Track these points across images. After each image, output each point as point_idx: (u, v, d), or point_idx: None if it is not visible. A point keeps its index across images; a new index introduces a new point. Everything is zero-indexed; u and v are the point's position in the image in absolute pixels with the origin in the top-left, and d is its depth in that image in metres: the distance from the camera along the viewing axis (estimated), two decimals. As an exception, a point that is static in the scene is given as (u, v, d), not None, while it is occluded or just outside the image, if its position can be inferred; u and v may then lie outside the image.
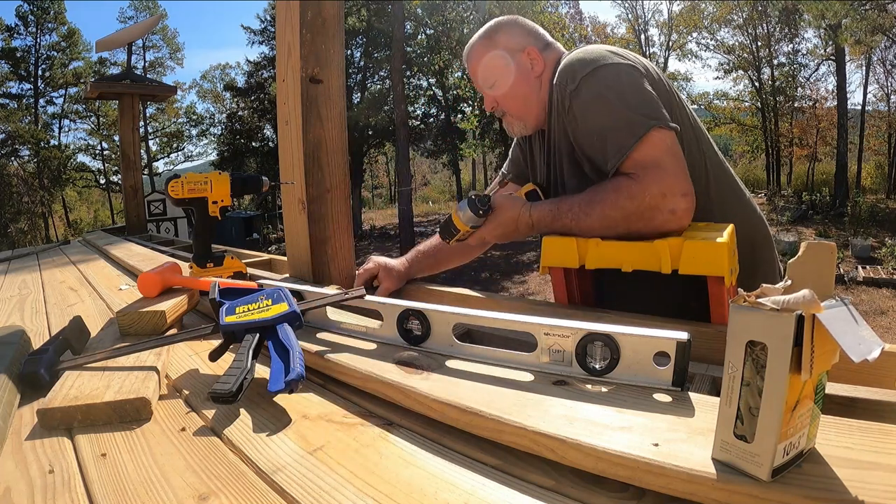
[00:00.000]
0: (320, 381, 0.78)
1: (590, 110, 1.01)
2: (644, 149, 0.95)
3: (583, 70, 1.01)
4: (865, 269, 8.20)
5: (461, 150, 20.07)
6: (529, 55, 1.14)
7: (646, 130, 0.94)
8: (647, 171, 0.94)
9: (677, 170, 0.95)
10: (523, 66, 1.15)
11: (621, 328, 0.62)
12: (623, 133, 0.96)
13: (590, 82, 1.00)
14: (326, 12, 1.23)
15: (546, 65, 1.15)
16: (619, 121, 0.97)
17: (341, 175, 1.31)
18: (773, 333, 0.39)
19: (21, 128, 20.17)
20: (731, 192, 1.13)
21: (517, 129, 1.21)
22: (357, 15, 17.25)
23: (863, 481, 0.39)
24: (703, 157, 1.09)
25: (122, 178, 3.85)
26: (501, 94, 1.17)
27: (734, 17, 18.16)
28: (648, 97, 0.98)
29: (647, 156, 0.95)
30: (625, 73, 0.99)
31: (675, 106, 1.05)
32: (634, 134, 0.95)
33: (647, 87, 0.99)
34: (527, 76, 1.15)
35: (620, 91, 0.98)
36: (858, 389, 0.65)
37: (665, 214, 0.93)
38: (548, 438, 0.51)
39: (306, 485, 0.51)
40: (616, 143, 0.97)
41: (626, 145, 0.96)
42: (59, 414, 0.66)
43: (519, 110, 1.18)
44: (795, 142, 18.68)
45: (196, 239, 1.33)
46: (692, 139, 1.08)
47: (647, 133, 0.94)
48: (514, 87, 1.15)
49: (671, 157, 0.95)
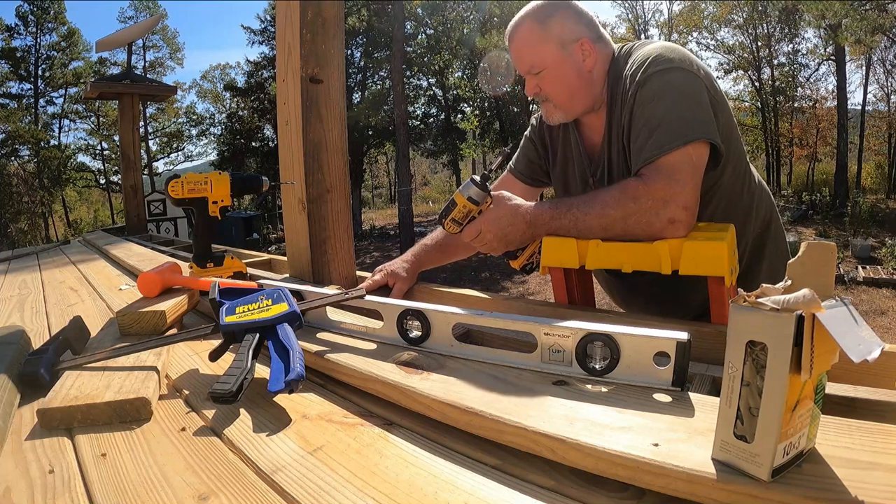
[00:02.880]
0: (320, 381, 0.78)
1: (648, 104, 1.00)
2: (671, 157, 0.96)
3: (658, 65, 1.00)
4: (865, 269, 8.20)
5: (461, 150, 20.06)
6: (583, 47, 1.10)
7: (685, 142, 0.95)
8: (660, 177, 0.95)
9: (689, 183, 0.95)
10: (576, 58, 1.11)
11: (621, 328, 0.62)
12: (665, 136, 0.96)
13: (662, 77, 1.00)
14: (326, 12, 1.23)
15: (598, 59, 1.12)
16: (670, 123, 0.97)
17: (341, 175, 1.31)
18: (773, 333, 0.39)
19: (21, 128, 20.17)
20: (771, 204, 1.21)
21: (557, 117, 1.17)
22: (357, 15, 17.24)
23: (862, 481, 0.39)
24: (750, 182, 1.15)
25: (122, 178, 3.85)
26: (548, 83, 1.13)
27: (734, 17, 18.16)
28: (705, 112, 0.99)
29: (667, 163, 0.96)
30: (693, 82, 1.00)
31: (733, 129, 1.07)
32: (674, 141, 0.95)
33: (707, 103, 1.00)
34: (579, 69, 1.11)
35: (684, 97, 0.98)
36: (858, 389, 0.65)
37: (663, 222, 0.93)
38: (548, 438, 0.51)
39: (306, 485, 0.51)
40: (656, 143, 0.97)
41: (663, 148, 0.96)
42: (59, 414, 0.65)
43: (564, 102, 1.14)
44: (795, 142, 18.67)
45: (196, 239, 1.33)
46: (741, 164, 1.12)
47: (686, 144, 0.95)
48: (564, 80, 1.11)
49: (690, 169, 0.96)
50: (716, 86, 1.05)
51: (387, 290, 1.23)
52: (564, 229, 1.01)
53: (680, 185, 0.94)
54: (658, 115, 0.98)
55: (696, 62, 1.03)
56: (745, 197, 1.14)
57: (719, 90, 1.05)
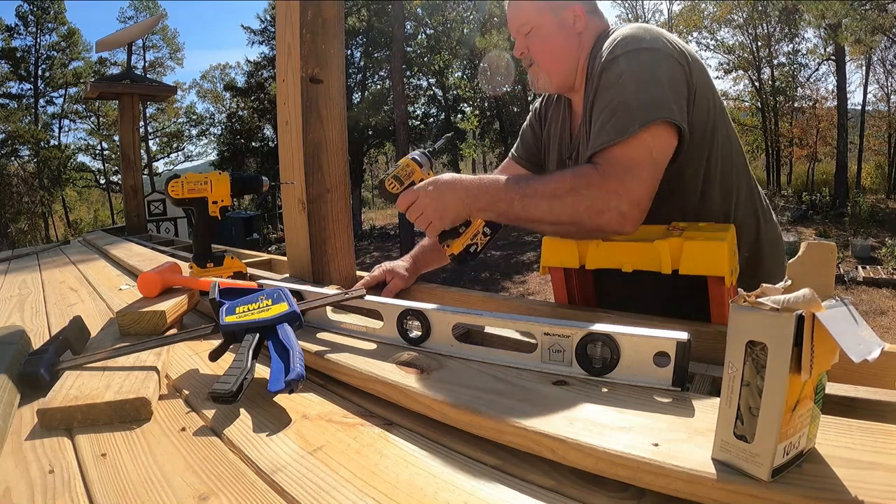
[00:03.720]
0: (320, 381, 0.78)
1: (611, 86, 0.97)
2: (629, 147, 0.92)
3: (626, 46, 0.97)
4: (865, 269, 8.20)
5: (461, 150, 20.07)
6: (575, 12, 1.09)
7: (643, 124, 0.91)
8: (616, 168, 0.91)
9: (646, 178, 0.92)
10: (566, 20, 1.10)
11: (621, 328, 0.62)
12: (623, 120, 0.92)
13: (628, 58, 0.96)
14: (326, 12, 1.23)
15: (588, 28, 1.10)
16: (630, 105, 0.93)
17: (341, 175, 1.31)
18: (773, 333, 0.39)
19: (21, 128, 20.18)
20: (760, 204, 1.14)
21: (542, 82, 1.15)
22: (357, 15, 17.24)
23: (862, 481, 0.39)
24: (738, 168, 1.09)
25: (122, 178, 3.85)
26: (535, 43, 1.12)
27: (734, 16, 18.16)
28: (672, 92, 0.94)
29: (626, 156, 0.92)
30: (665, 61, 0.96)
31: (713, 109, 1.03)
32: (632, 124, 0.91)
33: (678, 82, 0.95)
34: (567, 32, 1.10)
35: (648, 78, 0.94)
36: (858, 389, 0.64)
37: (613, 213, 0.90)
38: (548, 438, 0.51)
39: (306, 485, 0.51)
40: (614, 127, 0.93)
41: (621, 133, 0.92)
42: (59, 414, 0.65)
43: (549, 64, 1.12)
44: (795, 142, 18.67)
45: (196, 239, 1.33)
46: (727, 147, 1.07)
47: (644, 127, 0.91)
48: (552, 40, 1.10)
49: (649, 162, 0.92)
50: (698, 67, 1.00)
51: (384, 286, 1.23)
52: (511, 208, 0.95)
53: (636, 180, 0.91)
54: (619, 97, 0.95)
55: (671, 42, 0.99)
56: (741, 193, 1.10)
57: (703, 71, 1.01)
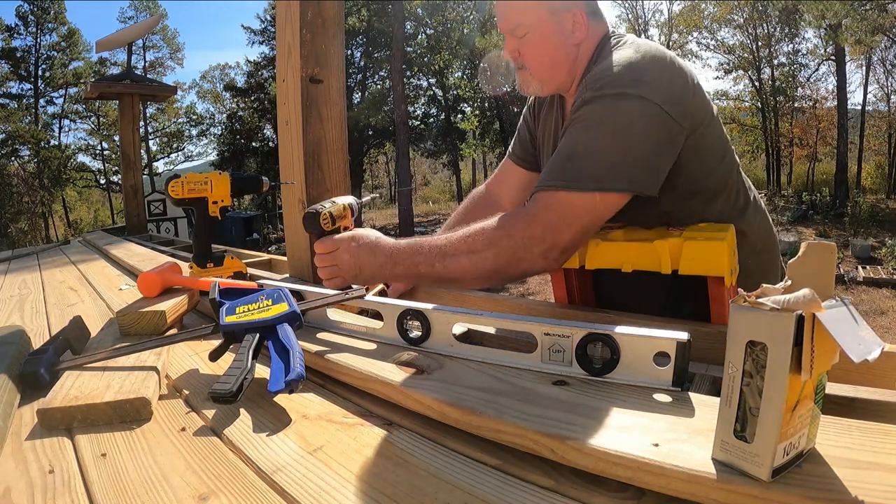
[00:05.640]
0: (320, 381, 0.78)
1: (582, 127, 0.90)
2: (576, 198, 0.87)
3: (614, 87, 0.88)
4: (865, 269, 8.20)
5: (461, 150, 20.07)
6: (575, 17, 0.99)
7: (597, 189, 0.86)
8: (548, 214, 0.87)
9: (578, 233, 0.89)
10: (565, 27, 1.00)
11: (621, 328, 0.62)
12: (579, 171, 0.87)
13: (610, 104, 0.88)
14: (326, 12, 1.23)
15: (588, 36, 1.01)
16: (592, 160, 0.87)
17: (341, 175, 1.31)
18: (773, 333, 0.39)
19: (21, 128, 20.18)
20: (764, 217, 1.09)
21: (533, 88, 1.07)
22: (357, 15, 17.25)
23: (862, 481, 0.39)
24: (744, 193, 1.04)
25: (122, 178, 3.85)
26: (529, 49, 1.02)
27: (734, 16, 18.16)
28: (644, 155, 0.87)
29: (569, 204, 0.87)
30: (646, 116, 0.86)
31: (721, 136, 0.98)
32: (586, 182, 0.86)
33: (656, 142, 0.88)
34: (565, 40, 1.00)
35: (623, 135, 0.87)
36: (858, 389, 0.65)
37: (535, 259, 0.88)
38: (548, 438, 0.51)
39: (306, 485, 0.51)
40: (567, 173, 0.88)
41: (570, 182, 0.87)
42: (59, 414, 0.65)
43: (542, 73, 1.04)
44: (795, 142, 18.66)
45: (196, 239, 1.33)
46: (729, 180, 1.01)
47: (598, 192, 0.86)
48: (548, 47, 1.01)
49: (588, 220, 0.88)
50: (698, 103, 0.92)
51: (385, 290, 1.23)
52: (431, 270, 0.91)
53: (569, 231, 0.87)
54: (586, 143, 0.89)
55: (669, 79, 0.89)
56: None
57: (697, 113, 0.92)
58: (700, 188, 0.98)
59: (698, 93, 0.93)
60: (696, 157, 0.94)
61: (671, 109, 0.87)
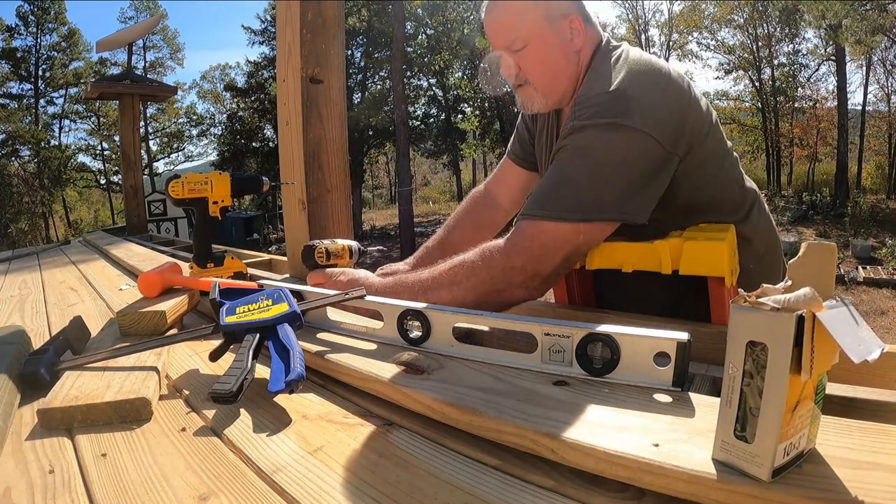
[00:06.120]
0: (320, 381, 0.78)
1: (571, 156, 0.89)
2: (560, 229, 0.87)
3: (604, 116, 0.86)
4: (866, 269, 8.20)
5: (461, 150, 20.08)
6: (572, 24, 0.97)
7: (581, 219, 0.86)
8: (533, 245, 0.88)
9: (559, 264, 0.90)
10: (563, 34, 0.97)
11: (621, 328, 0.62)
12: (564, 201, 0.87)
13: (599, 135, 0.86)
14: (327, 12, 1.23)
15: (586, 44, 0.98)
16: (577, 190, 0.87)
17: (342, 175, 1.31)
18: (773, 333, 0.39)
19: (21, 128, 20.18)
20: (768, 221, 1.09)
21: (536, 105, 1.04)
22: (357, 15, 17.25)
23: (862, 481, 0.39)
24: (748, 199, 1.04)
25: (123, 178, 3.85)
26: (529, 61, 0.99)
27: (734, 17, 18.16)
28: (630, 186, 0.87)
29: (552, 235, 0.87)
30: (635, 147, 0.85)
31: (721, 143, 0.97)
32: (570, 212, 0.86)
33: (644, 174, 0.87)
34: (565, 48, 0.97)
35: (611, 166, 0.86)
36: (858, 390, 0.65)
37: (516, 288, 0.89)
38: (548, 438, 0.51)
39: (306, 485, 0.51)
40: (552, 202, 0.87)
41: (553, 211, 0.87)
42: (60, 414, 0.65)
43: (545, 85, 1.01)
44: (796, 142, 18.65)
45: (196, 239, 1.33)
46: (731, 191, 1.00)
47: (581, 222, 0.86)
48: (550, 56, 0.97)
49: (570, 251, 0.89)
50: (688, 129, 0.89)
51: None
52: (417, 279, 0.93)
53: (551, 261, 0.88)
54: (574, 172, 0.88)
55: (656, 115, 0.86)
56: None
57: (694, 130, 0.90)
58: (699, 198, 0.98)
59: (694, 108, 0.92)
60: (697, 168, 0.94)
61: (662, 137, 0.86)
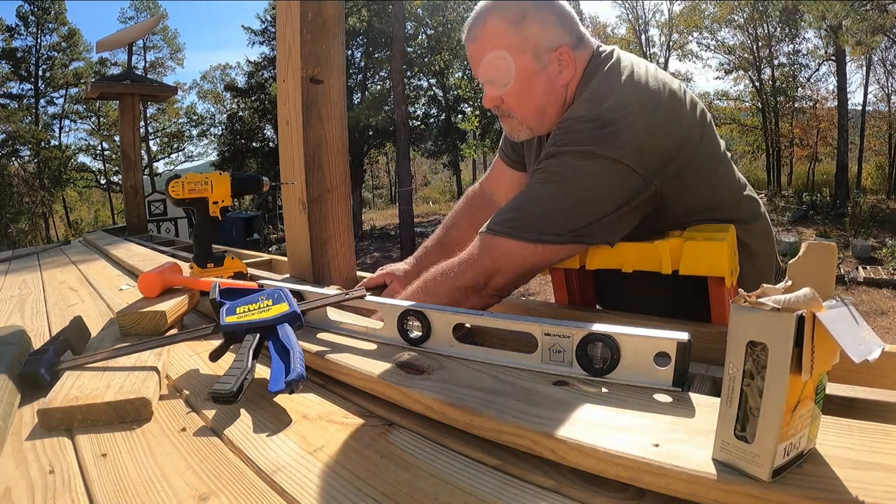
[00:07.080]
0: (320, 381, 0.78)
1: (543, 179, 0.89)
2: (519, 247, 0.88)
3: (582, 143, 0.85)
4: (866, 269, 8.20)
5: (461, 150, 20.08)
6: (561, 57, 0.92)
7: (540, 241, 0.88)
8: (485, 260, 0.90)
9: (512, 280, 0.92)
10: (551, 71, 0.92)
11: (621, 328, 0.62)
12: (528, 221, 0.88)
13: (573, 163, 0.86)
14: (327, 12, 1.23)
15: (576, 70, 0.94)
16: (543, 212, 0.88)
17: (342, 175, 1.31)
18: (773, 333, 0.39)
19: (22, 128, 20.17)
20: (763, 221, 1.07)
21: (523, 134, 1.03)
22: (357, 15, 17.25)
23: (863, 482, 0.39)
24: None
25: (123, 178, 3.85)
26: (514, 99, 0.97)
27: (735, 17, 18.16)
28: (597, 214, 0.87)
29: (509, 252, 0.89)
30: (612, 176, 0.84)
31: (717, 150, 0.95)
32: (530, 232, 0.87)
33: (617, 205, 0.86)
34: (552, 84, 0.94)
35: (581, 195, 0.86)
36: (858, 390, 0.65)
37: (472, 296, 0.92)
38: (548, 438, 0.51)
39: (306, 485, 0.51)
40: (515, 221, 0.89)
41: (516, 231, 0.88)
42: (60, 414, 0.66)
43: (530, 120, 0.99)
44: (796, 142, 18.64)
45: (196, 239, 1.33)
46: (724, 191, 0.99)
47: (539, 244, 0.88)
48: (533, 96, 0.94)
49: (524, 270, 0.91)
50: (675, 147, 0.87)
51: (384, 288, 1.23)
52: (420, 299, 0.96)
53: (501, 276, 0.91)
54: (539, 194, 0.88)
55: (636, 142, 0.83)
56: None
57: (688, 141, 0.88)
58: (695, 206, 0.97)
59: (685, 122, 0.89)
60: (694, 176, 0.93)
61: (641, 166, 0.84)
